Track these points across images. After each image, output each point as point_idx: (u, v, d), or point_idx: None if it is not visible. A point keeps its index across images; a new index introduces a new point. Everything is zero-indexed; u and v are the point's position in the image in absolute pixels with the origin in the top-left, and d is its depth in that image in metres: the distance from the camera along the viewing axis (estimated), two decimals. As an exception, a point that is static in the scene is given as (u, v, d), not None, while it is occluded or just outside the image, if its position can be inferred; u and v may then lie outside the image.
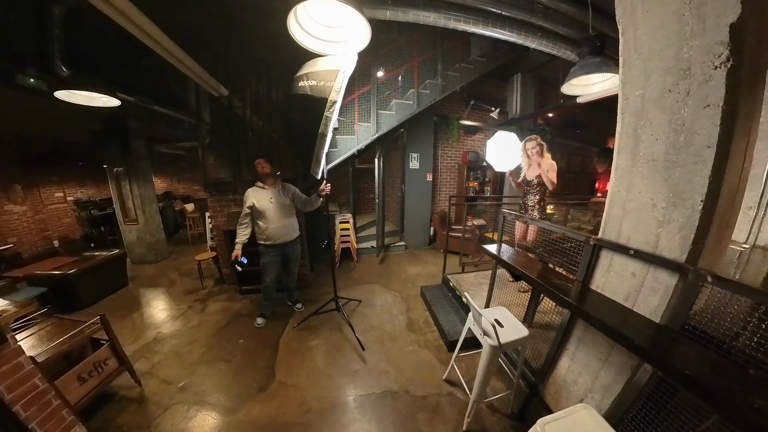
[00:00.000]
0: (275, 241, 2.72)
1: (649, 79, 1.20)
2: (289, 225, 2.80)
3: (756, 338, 0.88)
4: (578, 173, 7.72)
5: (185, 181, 9.29)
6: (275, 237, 2.72)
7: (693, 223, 1.09)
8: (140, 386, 2.14)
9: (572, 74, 2.18)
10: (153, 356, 2.52)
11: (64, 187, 6.34)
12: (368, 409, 1.93)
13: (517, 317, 1.85)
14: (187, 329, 2.94)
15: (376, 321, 3.00)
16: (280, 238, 2.74)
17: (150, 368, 2.36)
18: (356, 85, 4.28)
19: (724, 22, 0.93)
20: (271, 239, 2.71)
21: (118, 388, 2.10)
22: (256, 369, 2.32)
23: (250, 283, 3.58)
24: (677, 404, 1.09)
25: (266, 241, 2.72)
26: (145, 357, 2.50)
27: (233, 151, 3.40)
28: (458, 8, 3.10)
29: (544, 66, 5.05)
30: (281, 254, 2.85)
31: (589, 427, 1.09)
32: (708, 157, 1.03)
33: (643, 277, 1.26)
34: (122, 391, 2.10)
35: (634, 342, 1.08)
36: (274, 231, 2.70)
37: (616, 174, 1.40)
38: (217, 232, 3.78)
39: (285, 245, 2.81)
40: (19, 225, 5.41)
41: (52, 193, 6.10)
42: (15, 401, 1.23)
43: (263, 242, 2.74)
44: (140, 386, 2.14)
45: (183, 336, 2.82)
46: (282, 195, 2.75)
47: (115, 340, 2.01)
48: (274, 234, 2.71)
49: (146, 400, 2.04)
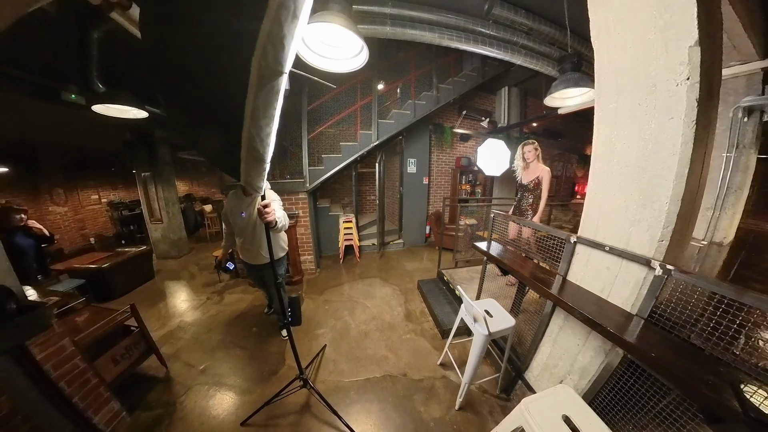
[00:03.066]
0: (246, 260, 2.15)
1: (621, 93, 1.23)
2: (258, 246, 2.03)
3: (711, 324, 0.91)
4: (559, 177, 7.75)
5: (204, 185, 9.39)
6: (243, 256, 2.13)
7: (659, 223, 1.11)
8: (166, 368, 2.17)
9: (554, 88, 2.20)
10: (177, 342, 2.55)
11: (99, 190, 6.54)
12: (370, 390, 1.95)
13: (505, 308, 1.86)
14: (206, 318, 2.96)
15: (377, 312, 3.01)
16: (249, 259, 2.12)
17: (174, 352, 2.39)
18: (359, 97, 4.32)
19: (683, 44, 0.96)
20: (243, 257, 2.14)
21: (147, 369, 2.13)
22: (268, 354, 2.34)
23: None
24: (644, 383, 1.11)
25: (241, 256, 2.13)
26: (170, 342, 2.53)
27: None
28: (451, 28, 3.14)
29: (529, 80, 5.09)
30: (256, 277, 2.30)
31: (568, 405, 1.12)
32: (672, 163, 1.05)
33: (617, 271, 1.28)
34: (151, 371, 2.13)
35: (608, 329, 1.10)
36: (241, 248, 2.11)
37: (593, 178, 1.42)
38: (232, 231, 3.80)
39: (256, 267, 2.17)
40: (61, 224, 5.60)
41: (89, 195, 6.29)
42: (60, 378, 1.28)
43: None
44: (166, 368, 2.17)
45: (203, 324, 2.85)
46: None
47: (143, 327, 2.04)
48: (241, 252, 2.12)
49: (171, 380, 2.07)
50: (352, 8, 1.35)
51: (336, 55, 1.44)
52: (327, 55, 1.44)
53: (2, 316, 0.84)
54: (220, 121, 0.92)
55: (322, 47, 1.42)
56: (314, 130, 4.02)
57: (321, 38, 1.38)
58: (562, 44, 3.22)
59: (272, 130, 0.89)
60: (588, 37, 1.35)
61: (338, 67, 1.50)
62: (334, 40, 1.38)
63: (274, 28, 0.67)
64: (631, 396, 1.15)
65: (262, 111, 0.82)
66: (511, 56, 3.40)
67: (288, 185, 3.77)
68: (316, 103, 4.05)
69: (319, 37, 1.37)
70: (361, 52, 1.40)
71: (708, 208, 2.20)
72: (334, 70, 1.51)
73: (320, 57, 1.44)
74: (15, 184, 4.88)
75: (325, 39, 1.39)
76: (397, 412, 1.78)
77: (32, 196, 5.15)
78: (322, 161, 3.99)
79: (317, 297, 3.38)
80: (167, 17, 0.80)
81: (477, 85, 4.92)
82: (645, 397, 1.10)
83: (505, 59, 3.46)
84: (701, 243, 2.18)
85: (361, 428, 1.65)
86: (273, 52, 0.71)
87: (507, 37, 3.25)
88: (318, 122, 4.16)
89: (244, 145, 0.91)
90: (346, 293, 3.46)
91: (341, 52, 1.43)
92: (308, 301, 3.28)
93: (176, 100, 0.98)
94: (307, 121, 3.78)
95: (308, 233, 3.94)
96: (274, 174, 3.79)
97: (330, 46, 1.41)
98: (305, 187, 3.78)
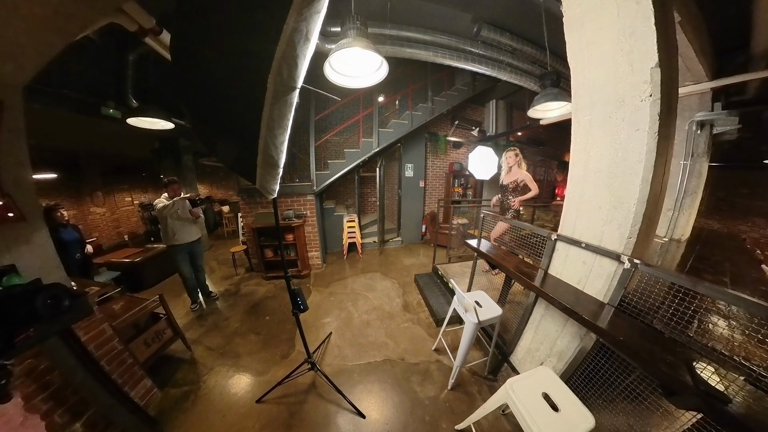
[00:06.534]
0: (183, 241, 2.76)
1: (595, 107, 1.26)
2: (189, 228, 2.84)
3: (671, 310, 0.94)
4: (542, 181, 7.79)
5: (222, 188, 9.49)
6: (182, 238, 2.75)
7: (628, 222, 1.14)
8: (191, 351, 2.20)
9: (536, 101, 2.22)
10: (199, 328, 2.57)
11: (132, 193, 6.64)
12: (371, 373, 1.97)
13: (493, 299, 1.87)
14: (224, 307, 2.99)
15: (377, 303, 3.02)
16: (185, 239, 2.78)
17: (197, 337, 2.42)
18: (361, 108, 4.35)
19: (646, 66, 0.99)
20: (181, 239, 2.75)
21: (174, 352, 2.16)
22: (280, 340, 2.36)
23: (273, 270, 3.64)
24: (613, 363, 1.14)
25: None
26: (193, 328, 2.56)
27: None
28: (444, 47, 3.18)
29: (514, 94, 5.12)
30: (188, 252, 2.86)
31: (547, 384, 1.15)
32: (638, 170, 1.08)
33: (592, 265, 1.31)
34: (177, 354, 2.17)
35: (583, 316, 1.13)
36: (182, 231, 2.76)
37: (571, 182, 1.44)
38: (247, 229, 3.83)
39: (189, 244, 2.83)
40: (100, 223, 5.75)
41: (123, 198, 6.40)
42: (101, 357, 1.32)
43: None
44: (191, 351, 2.20)
45: (222, 313, 2.87)
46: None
47: (170, 315, 2.07)
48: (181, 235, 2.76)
49: (196, 362, 2.10)
50: (368, 30, 1.36)
51: (360, 73, 1.43)
52: (353, 74, 1.42)
53: (59, 311, 0.89)
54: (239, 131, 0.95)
55: (347, 68, 1.40)
56: (321, 138, 4.05)
57: (346, 61, 1.37)
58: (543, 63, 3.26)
59: (285, 138, 0.93)
60: (565, 57, 1.37)
61: (363, 83, 1.46)
62: (357, 60, 1.36)
63: (288, 49, 0.71)
64: (602, 375, 1.18)
65: (277, 122, 0.86)
66: (498, 73, 3.44)
67: (297, 188, 3.81)
68: (323, 113, 4.08)
69: (344, 60, 1.36)
70: (381, 67, 1.38)
71: (668, 209, 2.25)
72: (360, 86, 1.48)
73: (347, 77, 1.42)
74: (61, 188, 5.04)
75: (350, 61, 1.37)
76: (395, 392, 1.80)
77: (75, 199, 5.29)
78: (328, 166, 4.02)
79: (323, 289, 3.40)
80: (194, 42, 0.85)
81: (468, 98, 4.95)
82: (614, 375, 1.13)
83: (493, 75, 3.49)
84: (663, 240, 2.22)
85: (364, 406, 1.68)
86: (287, 70, 0.74)
87: (494, 56, 3.29)
88: (324, 131, 4.19)
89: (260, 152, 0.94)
90: (349, 286, 3.48)
91: (364, 69, 1.41)
92: (315, 293, 3.30)
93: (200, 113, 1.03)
94: (314, 130, 3.80)
95: (315, 231, 3.97)
96: (284, 178, 3.82)
97: (354, 67, 1.39)
98: (312, 189, 3.81)
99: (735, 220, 4.09)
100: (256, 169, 1.01)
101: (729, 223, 4.14)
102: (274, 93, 0.78)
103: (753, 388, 0.71)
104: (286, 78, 0.76)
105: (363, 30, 1.29)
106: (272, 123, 0.86)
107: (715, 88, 2.05)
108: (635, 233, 1.14)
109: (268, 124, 0.86)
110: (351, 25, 1.27)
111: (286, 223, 3.48)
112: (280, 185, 1.10)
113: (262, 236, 3.52)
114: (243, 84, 0.82)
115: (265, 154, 0.96)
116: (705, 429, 0.78)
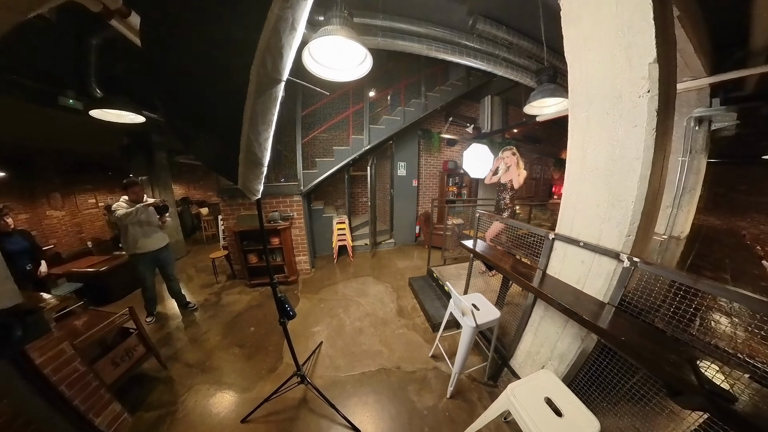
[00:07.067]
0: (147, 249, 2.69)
1: (592, 103, 1.30)
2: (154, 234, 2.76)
3: (672, 308, 0.98)
4: (538, 179, 8.01)
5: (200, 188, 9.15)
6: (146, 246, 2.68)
7: (626, 220, 1.18)
8: (166, 369, 2.11)
9: (532, 98, 2.28)
10: (176, 343, 2.48)
11: (96, 194, 6.24)
12: (365, 384, 1.95)
13: (490, 301, 1.89)
14: (204, 319, 2.89)
15: (370, 308, 3.01)
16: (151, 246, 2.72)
17: (174, 353, 2.32)
18: (351, 103, 4.33)
19: (644, 61, 1.03)
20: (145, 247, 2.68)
21: (147, 371, 2.07)
22: (266, 353, 2.30)
23: (258, 277, 3.56)
24: (615, 364, 1.18)
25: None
26: (169, 344, 2.46)
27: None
28: (438, 40, 3.21)
29: (510, 90, 5.24)
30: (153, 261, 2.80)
31: (549, 388, 1.17)
32: (636, 167, 1.12)
33: (590, 264, 1.34)
34: (151, 372, 2.07)
35: (584, 317, 1.15)
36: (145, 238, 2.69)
37: (569, 180, 1.48)
38: (228, 233, 3.73)
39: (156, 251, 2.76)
40: (58, 228, 5.37)
41: (86, 199, 6.02)
42: (60, 382, 1.22)
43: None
44: (166, 369, 2.11)
45: (201, 325, 2.77)
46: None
47: (142, 329, 1.98)
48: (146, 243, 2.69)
49: (172, 381, 2.01)
50: (354, 20, 1.35)
51: (343, 66, 1.42)
52: (335, 66, 1.41)
53: (11, 342, 0.81)
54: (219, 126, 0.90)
55: (328, 59, 1.39)
56: (308, 134, 4.00)
57: (327, 51, 1.36)
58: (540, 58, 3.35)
59: (270, 135, 0.88)
60: (562, 52, 1.41)
61: (346, 77, 1.46)
62: (340, 51, 1.36)
63: (272, 38, 0.67)
64: (605, 376, 1.21)
65: (260, 117, 0.82)
66: (494, 68, 3.51)
67: (283, 188, 3.74)
68: (310, 108, 4.03)
69: (324, 50, 1.35)
70: (365, 60, 1.38)
71: (667, 206, 2.35)
72: (343, 79, 1.47)
73: (327, 69, 1.41)
74: (11, 188, 4.66)
75: (330, 51, 1.36)
76: (392, 403, 1.79)
77: (29, 201, 4.92)
78: (316, 165, 3.97)
79: (313, 296, 3.35)
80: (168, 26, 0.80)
81: (462, 93, 5.03)
82: (617, 376, 1.16)
83: (488, 70, 3.56)
84: (662, 237, 2.32)
85: (359, 420, 1.66)
86: (272, 61, 0.71)
87: (489, 50, 3.35)
88: (312, 127, 4.14)
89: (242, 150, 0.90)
90: (340, 292, 3.45)
91: (347, 62, 1.41)
92: (304, 300, 3.25)
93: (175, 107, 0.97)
94: (301, 126, 3.75)
95: (303, 234, 3.91)
96: (269, 177, 3.75)
97: (337, 58, 1.39)
98: (299, 189, 3.75)
99: (734, 217, 4.30)
100: (238, 168, 0.97)
101: (728, 220, 4.35)
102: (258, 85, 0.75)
103: (758, 385, 0.74)
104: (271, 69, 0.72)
105: (348, 19, 1.29)
106: (255, 118, 0.82)
107: (714, 83, 2.12)
108: (634, 231, 1.18)
109: (251, 119, 0.82)
110: (336, 12, 1.25)
111: (272, 226, 3.42)
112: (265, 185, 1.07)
113: (245, 240, 3.45)
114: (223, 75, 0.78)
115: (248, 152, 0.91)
116: (713, 429, 0.81)
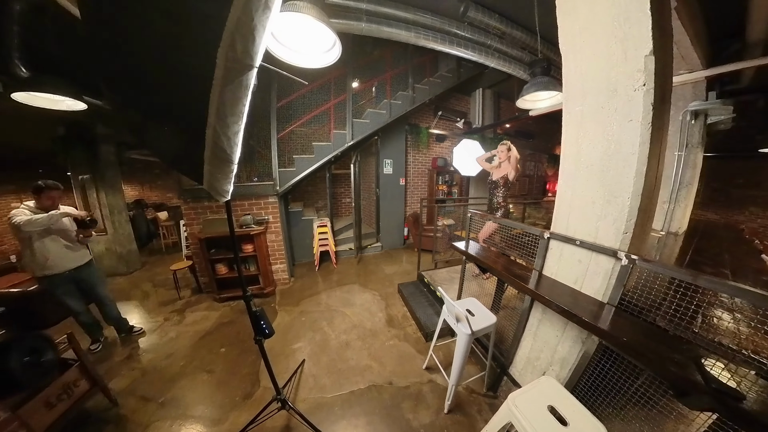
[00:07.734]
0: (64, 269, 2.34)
1: (586, 97, 1.35)
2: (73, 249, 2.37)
3: (673, 306, 1.03)
4: (531, 176, 8.32)
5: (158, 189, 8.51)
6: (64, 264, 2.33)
7: (623, 216, 1.23)
8: (116, 406, 1.93)
9: (525, 91, 2.35)
10: (129, 373, 2.28)
11: (22, 197, 5.49)
12: (355, 404, 1.91)
13: (485, 306, 1.92)
14: (164, 342, 2.69)
15: (357, 320, 2.97)
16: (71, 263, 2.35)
17: (127, 386, 2.13)
18: (332, 95, 4.26)
19: (640, 54, 1.08)
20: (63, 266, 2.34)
21: (92, 410, 1.88)
22: (240, 377, 2.19)
23: (228, 289, 3.39)
24: (619, 366, 1.22)
25: None
26: (121, 374, 2.26)
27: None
28: (427, 28, 3.23)
29: (502, 83, 5.41)
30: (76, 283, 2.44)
31: (552, 395, 1.19)
32: (632, 162, 1.18)
33: (588, 263, 1.38)
34: (98, 411, 1.88)
35: (583, 318, 1.18)
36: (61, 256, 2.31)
37: (563, 177, 1.53)
38: (192, 240, 3.52)
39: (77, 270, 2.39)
40: None
41: (9, 203, 5.33)
42: None
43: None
44: (116, 406, 1.93)
45: (161, 349, 2.58)
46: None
47: (85, 360, 1.79)
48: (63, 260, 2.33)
49: (125, 420, 1.84)
50: (325, 0, 1.32)
51: (307, 50, 1.40)
52: (297, 48, 1.39)
53: (42, 370, 0.67)
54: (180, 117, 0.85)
55: (292, 40, 1.36)
56: (284, 129, 3.88)
57: (291, 30, 1.32)
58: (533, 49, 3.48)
59: (240, 128, 0.84)
60: (557, 43, 1.46)
61: (309, 63, 1.44)
62: (305, 32, 1.34)
63: (243, 17, 0.63)
64: (609, 380, 1.25)
65: (229, 107, 0.77)
66: (485, 59, 3.59)
67: (256, 188, 3.60)
68: (287, 100, 3.92)
69: (289, 29, 1.31)
70: (333, 48, 1.37)
71: (664, 201, 2.50)
72: (305, 65, 1.45)
73: (290, 50, 1.38)
74: None
75: (295, 31, 1.33)
76: (385, 424, 1.76)
77: None
78: (294, 162, 3.87)
79: (292, 308, 3.25)
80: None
81: (452, 86, 5.11)
82: (621, 379, 1.20)
83: (480, 61, 3.64)
84: (660, 233, 2.46)
85: (348, 444, 1.61)
86: (242, 43, 0.67)
87: (481, 40, 3.43)
88: (288, 121, 4.03)
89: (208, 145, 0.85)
90: (323, 302, 3.38)
91: (312, 46, 1.39)
92: (283, 314, 3.14)
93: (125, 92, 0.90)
94: (276, 119, 3.64)
95: (280, 240, 3.79)
96: (240, 176, 3.59)
97: (301, 40, 1.37)
98: (275, 190, 3.63)
99: (732, 211, 4.63)
100: (204, 166, 0.92)
101: (726, 214, 4.67)
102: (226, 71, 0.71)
103: (765, 382, 0.79)
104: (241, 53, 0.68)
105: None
106: (223, 108, 0.78)
107: (710, 76, 2.21)
108: (631, 228, 1.23)
109: (219, 109, 0.78)
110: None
111: (244, 231, 3.28)
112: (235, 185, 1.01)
113: (213, 248, 3.29)
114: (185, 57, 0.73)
115: (215, 147, 0.86)
116: (722, 430, 0.85)
